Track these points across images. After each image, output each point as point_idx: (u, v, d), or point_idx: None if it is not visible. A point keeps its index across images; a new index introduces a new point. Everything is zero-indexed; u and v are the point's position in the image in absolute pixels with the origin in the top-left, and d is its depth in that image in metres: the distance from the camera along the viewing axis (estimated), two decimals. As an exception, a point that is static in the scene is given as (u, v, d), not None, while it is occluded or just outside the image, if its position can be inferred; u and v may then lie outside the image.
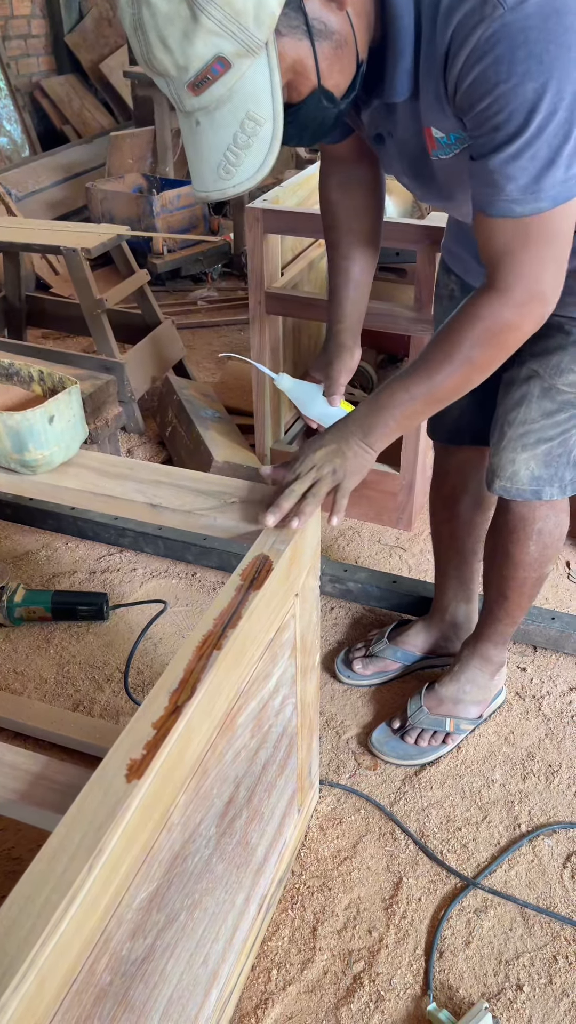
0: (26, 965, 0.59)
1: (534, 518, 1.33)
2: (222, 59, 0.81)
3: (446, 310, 1.40)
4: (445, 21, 0.87)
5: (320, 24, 0.86)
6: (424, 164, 1.07)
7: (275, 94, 0.86)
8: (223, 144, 0.88)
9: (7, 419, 1.06)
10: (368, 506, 2.17)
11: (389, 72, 0.96)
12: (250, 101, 0.85)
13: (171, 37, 0.80)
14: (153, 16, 0.80)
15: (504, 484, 1.30)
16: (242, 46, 0.81)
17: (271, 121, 0.87)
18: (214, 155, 0.89)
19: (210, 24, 0.79)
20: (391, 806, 1.47)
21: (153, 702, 0.79)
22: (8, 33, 4.88)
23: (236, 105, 0.85)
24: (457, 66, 0.88)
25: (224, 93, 0.84)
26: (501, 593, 1.43)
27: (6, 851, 1.39)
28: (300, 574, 1.07)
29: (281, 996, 1.21)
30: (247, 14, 0.79)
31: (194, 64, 0.82)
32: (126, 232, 2.52)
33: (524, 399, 1.25)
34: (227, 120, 0.86)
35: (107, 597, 1.86)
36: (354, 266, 1.30)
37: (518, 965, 1.24)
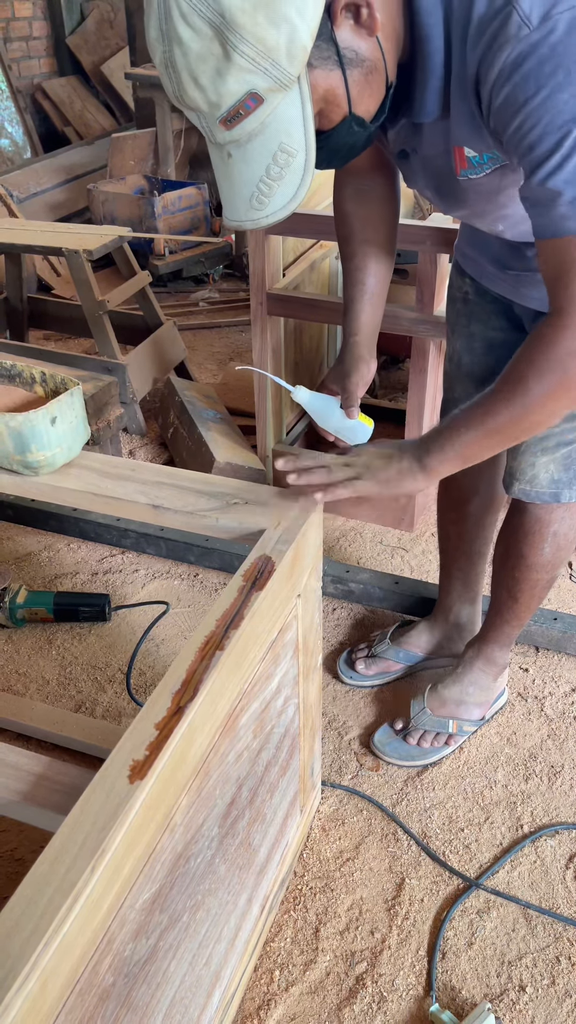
0: (29, 966, 0.59)
1: (550, 520, 1.33)
2: (254, 95, 0.81)
3: (459, 313, 1.40)
4: (475, 42, 0.85)
5: (351, 53, 0.85)
6: (450, 182, 1.05)
7: (307, 126, 0.86)
8: (256, 176, 0.88)
9: (9, 420, 1.07)
10: (370, 507, 2.17)
11: (418, 92, 0.94)
12: (282, 134, 0.85)
13: (203, 75, 0.80)
14: (185, 55, 0.80)
15: (524, 487, 1.30)
16: (275, 81, 0.81)
17: (303, 152, 0.87)
18: (246, 187, 0.89)
19: (243, 62, 0.79)
20: (393, 807, 1.47)
21: (155, 703, 0.79)
22: (9, 35, 4.89)
23: (268, 138, 0.85)
24: (487, 88, 0.86)
25: (256, 127, 0.84)
26: (512, 595, 1.43)
27: (8, 852, 1.39)
28: (302, 575, 1.07)
29: (284, 997, 1.20)
30: (279, 50, 0.79)
31: (226, 101, 0.82)
32: (127, 233, 2.53)
33: None
34: (259, 153, 0.87)
35: (109, 598, 1.86)
36: (369, 277, 1.28)
37: (521, 966, 1.24)
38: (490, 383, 1.40)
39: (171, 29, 0.79)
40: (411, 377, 1.95)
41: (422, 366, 1.92)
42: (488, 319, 1.36)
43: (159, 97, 3.81)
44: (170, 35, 0.79)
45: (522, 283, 1.25)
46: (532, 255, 1.21)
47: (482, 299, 1.35)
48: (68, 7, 5.16)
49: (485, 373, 1.40)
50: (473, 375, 1.42)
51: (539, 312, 1.25)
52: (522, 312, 1.30)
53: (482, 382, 1.42)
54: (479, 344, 1.39)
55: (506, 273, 1.27)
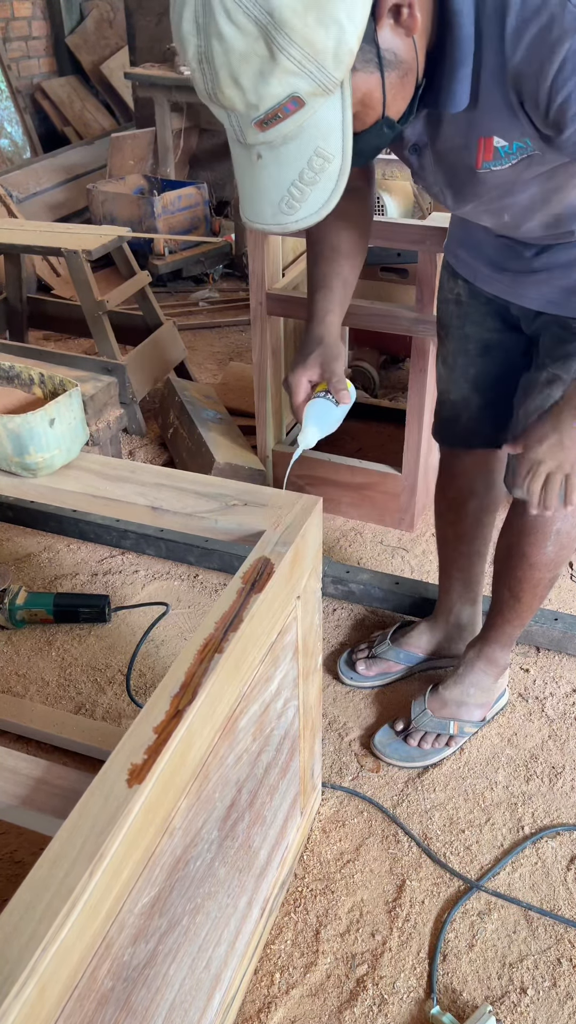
0: (27, 971, 0.59)
1: (553, 519, 1.32)
2: (296, 98, 0.78)
3: (451, 315, 1.39)
4: (517, 33, 0.83)
5: (390, 55, 0.83)
6: (465, 175, 1.03)
7: (346, 131, 0.83)
8: (288, 180, 0.86)
9: (8, 422, 1.06)
10: (370, 507, 2.16)
11: (446, 82, 0.91)
12: (319, 138, 0.83)
13: (245, 75, 0.77)
14: (226, 53, 0.76)
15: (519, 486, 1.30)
16: (319, 85, 0.78)
17: (340, 157, 0.85)
18: (276, 190, 0.87)
19: (289, 64, 0.76)
20: (394, 808, 1.46)
21: (154, 706, 0.78)
22: (9, 35, 4.89)
23: (304, 142, 0.83)
24: (546, 84, 0.84)
25: (293, 130, 0.82)
26: (513, 595, 1.43)
27: (8, 855, 1.39)
28: (302, 576, 1.07)
29: (284, 1000, 1.20)
30: (327, 53, 0.76)
31: (266, 103, 0.79)
32: (127, 233, 2.52)
33: (546, 403, 1.24)
34: (294, 156, 0.84)
35: (109, 599, 1.86)
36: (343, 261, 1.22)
37: (522, 968, 1.24)
38: (486, 384, 1.41)
39: (211, 24, 0.74)
40: (411, 377, 1.94)
41: (422, 366, 1.91)
42: (483, 320, 1.35)
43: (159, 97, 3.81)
44: (209, 30, 0.75)
45: (520, 284, 1.25)
46: (531, 255, 1.20)
47: (475, 300, 1.34)
48: (67, 7, 5.16)
49: (480, 374, 1.40)
50: (468, 376, 1.41)
51: (539, 312, 1.25)
52: (520, 312, 1.29)
53: (478, 384, 1.41)
54: (473, 346, 1.38)
55: (502, 274, 1.27)
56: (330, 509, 2.21)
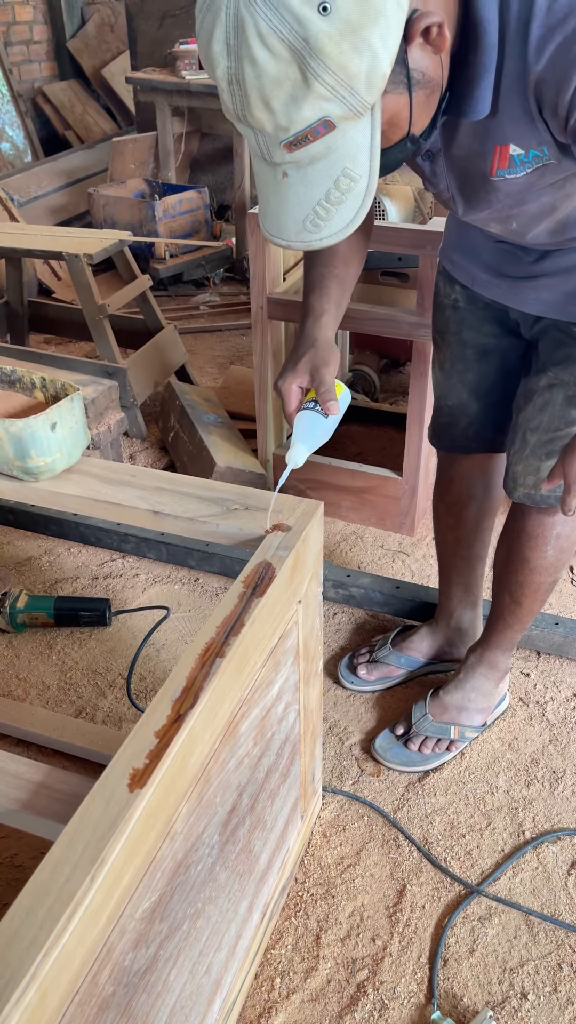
0: (28, 977, 0.59)
1: (552, 523, 1.32)
2: (328, 122, 0.78)
3: (448, 320, 1.39)
4: (542, 41, 0.83)
5: (419, 74, 0.82)
6: (478, 182, 1.03)
7: (374, 152, 0.83)
8: (314, 199, 0.85)
9: (9, 426, 1.06)
10: (371, 511, 2.16)
11: (468, 90, 0.90)
12: (348, 159, 0.82)
13: (276, 99, 0.76)
14: (259, 77, 0.75)
15: (528, 491, 1.30)
16: (350, 109, 0.78)
17: (367, 177, 0.84)
18: (301, 209, 0.86)
19: (322, 90, 0.75)
20: (394, 813, 1.46)
21: (155, 710, 0.78)
22: (10, 39, 4.90)
23: (332, 163, 0.82)
24: (568, 92, 0.84)
25: (321, 151, 0.81)
26: (514, 599, 1.43)
27: (8, 859, 1.38)
28: (303, 581, 1.07)
29: (284, 1005, 1.20)
30: (360, 78, 0.75)
31: (297, 126, 0.78)
32: (128, 237, 2.53)
33: (547, 406, 1.24)
34: (321, 176, 0.83)
35: (109, 603, 1.86)
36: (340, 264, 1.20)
37: (523, 973, 1.23)
38: (484, 389, 1.41)
39: (244, 46, 0.74)
40: (412, 381, 1.94)
41: (423, 370, 1.91)
42: (480, 326, 1.35)
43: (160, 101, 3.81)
44: (241, 52, 0.75)
45: (519, 288, 1.24)
46: (531, 260, 1.20)
47: (473, 306, 1.34)
48: (69, 11, 5.17)
49: (478, 379, 1.40)
50: (466, 382, 1.41)
51: (539, 317, 1.25)
52: (519, 317, 1.29)
53: (476, 389, 1.41)
54: (471, 351, 1.38)
55: (501, 279, 1.26)
56: (331, 513, 2.21)
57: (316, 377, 1.12)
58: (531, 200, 1.05)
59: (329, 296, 1.18)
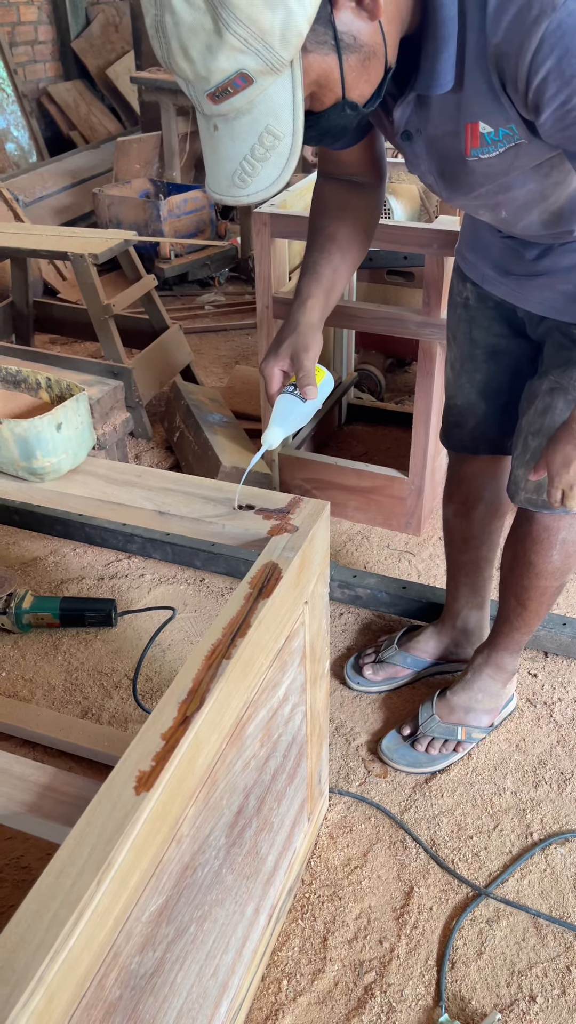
0: (35, 981, 0.59)
1: (558, 527, 1.31)
2: (244, 75, 0.79)
3: (460, 319, 1.38)
4: (498, 13, 0.83)
5: (349, 38, 0.83)
6: (457, 164, 1.02)
7: (296, 111, 0.84)
8: (240, 154, 0.86)
9: (15, 427, 1.06)
10: (377, 511, 2.16)
11: (429, 63, 0.90)
12: (270, 116, 0.83)
13: (193, 48, 0.78)
14: (176, 25, 0.77)
15: (530, 496, 1.29)
16: (266, 64, 0.79)
17: (290, 137, 0.85)
18: (230, 163, 0.88)
19: (234, 41, 0.76)
20: (401, 814, 1.45)
21: (162, 713, 0.78)
22: (15, 39, 4.90)
23: (256, 118, 0.84)
24: (524, 63, 0.83)
25: (244, 105, 0.82)
26: (520, 602, 1.42)
27: (15, 860, 1.38)
28: (309, 581, 1.06)
29: (292, 1007, 1.19)
30: (273, 33, 0.76)
31: (215, 77, 0.80)
32: (133, 237, 2.52)
33: (548, 411, 1.23)
34: (246, 131, 0.85)
35: (115, 603, 1.86)
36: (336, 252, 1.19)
37: (531, 976, 1.23)
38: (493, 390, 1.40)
39: None
40: (418, 380, 1.94)
41: (429, 369, 1.91)
42: (489, 325, 1.34)
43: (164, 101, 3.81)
44: (163, 1, 0.77)
45: (524, 287, 1.24)
46: (532, 258, 1.19)
47: (483, 304, 1.34)
48: (73, 11, 5.17)
49: (487, 380, 1.39)
50: (475, 382, 1.41)
51: (543, 317, 1.24)
52: (525, 317, 1.28)
53: (484, 389, 1.41)
54: (480, 351, 1.37)
55: (507, 277, 1.26)
56: (336, 513, 2.20)
57: (296, 362, 1.12)
58: (516, 186, 1.04)
59: (319, 282, 1.17)
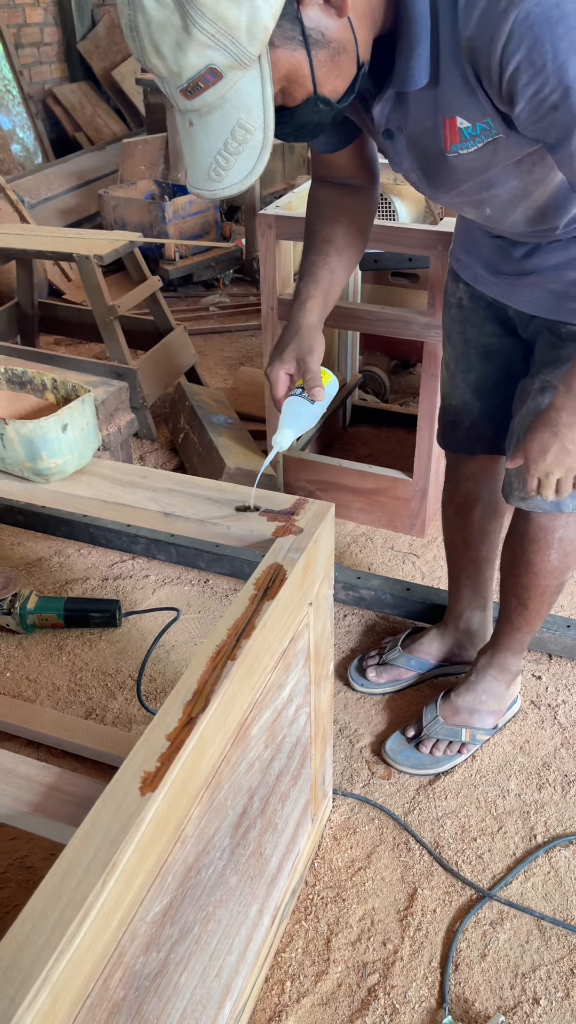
0: (40, 981, 0.59)
1: (554, 527, 1.31)
2: (214, 70, 0.81)
3: (453, 319, 1.39)
4: (469, 6, 0.84)
5: (317, 34, 0.85)
6: (438, 161, 1.03)
7: (267, 105, 0.86)
8: (214, 148, 0.89)
9: (20, 428, 1.06)
10: (381, 512, 2.16)
11: (403, 60, 0.92)
12: (241, 111, 0.85)
13: (164, 44, 0.81)
14: (147, 23, 0.80)
15: (523, 496, 1.29)
16: (234, 59, 0.81)
17: (262, 130, 0.87)
18: (205, 157, 0.90)
19: (202, 37, 0.79)
20: (405, 816, 1.45)
21: (167, 713, 0.78)
22: (21, 41, 4.91)
23: (228, 113, 0.86)
24: (496, 55, 0.84)
25: (216, 100, 0.85)
26: (521, 602, 1.42)
27: (19, 859, 1.38)
28: (314, 583, 1.06)
29: (295, 1008, 1.19)
30: (240, 28, 0.78)
31: (186, 72, 0.82)
32: (138, 239, 2.53)
33: (539, 409, 1.23)
34: (218, 126, 0.87)
35: (119, 604, 1.86)
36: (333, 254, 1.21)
37: (535, 978, 1.23)
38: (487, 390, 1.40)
39: None
40: (422, 381, 1.94)
41: (433, 371, 1.91)
42: (482, 325, 1.35)
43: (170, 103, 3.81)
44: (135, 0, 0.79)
45: (513, 287, 1.24)
46: (519, 257, 1.20)
47: (476, 304, 1.34)
48: (79, 13, 5.18)
49: (481, 379, 1.39)
50: (469, 382, 1.41)
51: (533, 316, 1.24)
52: (516, 316, 1.29)
53: (479, 389, 1.41)
54: (474, 351, 1.38)
55: (498, 277, 1.26)
56: (340, 514, 2.20)
57: (302, 364, 1.14)
58: (498, 183, 1.05)
59: (318, 283, 1.20)
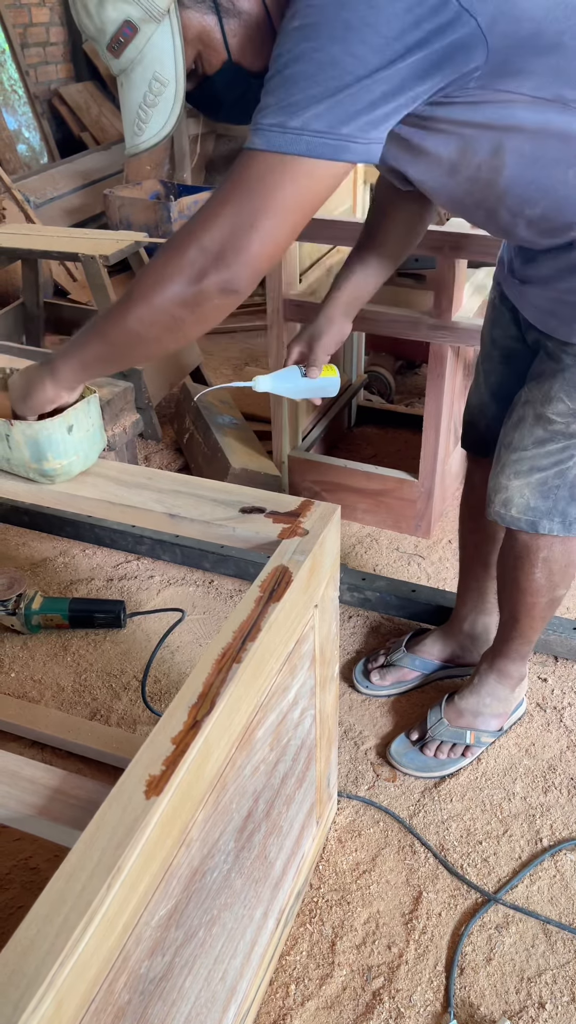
0: (44, 986, 0.59)
1: (538, 547, 1.29)
2: (130, 23, 0.91)
3: (486, 318, 1.40)
4: None
5: (228, 3, 0.92)
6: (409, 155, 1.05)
7: (177, 58, 0.93)
8: (135, 102, 0.96)
9: (26, 428, 1.06)
10: (386, 513, 2.15)
11: None
12: (156, 63, 0.93)
13: (91, 3, 0.91)
14: None
15: (498, 510, 1.28)
16: (146, 12, 0.90)
17: (174, 83, 0.94)
18: (130, 113, 0.97)
19: None
20: (410, 819, 1.45)
21: (172, 716, 0.78)
22: (27, 41, 4.92)
23: (145, 67, 0.93)
24: None
25: (136, 56, 0.93)
26: (512, 616, 1.41)
27: (24, 861, 1.38)
28: (319, 585, 1.06)
29: (299, 1012, 1.19)
30: None
31: (108, 28, 0.92)
32: (144, 239, 2.53)
33: (520, 424, 1.23)
34: (139, 80, 0.95)
35: (124, 605, 1.86)
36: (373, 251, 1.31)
37: (540, 982, 1.22)
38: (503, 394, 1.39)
39: None
40: (428, 383, 1.93)
41: (439, 372, 1.90)
42: (507, 326, 1.34)
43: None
44: None
45: (522, 291, 1.23)
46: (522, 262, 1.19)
47: (503, 305, 1.33)
48: (85, 13, 5.18)
49: (500, 383, 1.38)
50: (489, 383, 1.40)
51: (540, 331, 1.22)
52: (524, 322, 1.27)
53: (496, 392, 1.40)
54: (497, 352, 1.37)
55: (514, 280, 1.25)
56: (346, 515, 2.20)
57: (311, 347, 1.31)
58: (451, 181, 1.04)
59: (348, 278, 1.33)
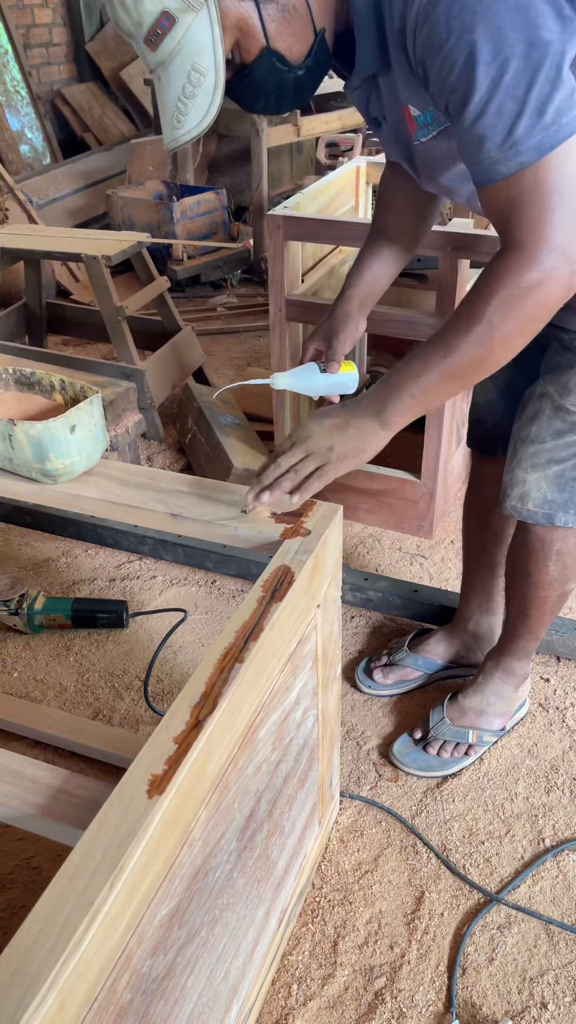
0: (47, 985, 0.59)
1: (552, 539, 1.29)
2: (168, 14, 0.90)
3: None
4: None
5: None
6: (413, 149, 1.08)
7: (216, 47, 0.92)
8: (175, 95, 0.95)
9: (29, 429, 1.06)
10: (388, 513, 2.15)
11: (358, 48, 0.99)
12: (195, 54, 0.92)
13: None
14: None
15: (515, 504, 1.27)
16: (184, 2, 0.89)
17: (213, 72, 0.94)
18: (169, 107, 0.96)
19: None
20: (413, 819, 1.45)
21: (174, 716, 0.78)
22: (29, 42, 4.92)
23: (184, 58, 0.93)
24: (411, 36, 0.90)
25: (174, 47, 0.92)
26: (522, 611, 1.41)
27: (26, 860, 1.38)
28: (322, 585, 1.06)
29: (302, 1012, 1.19)
30: None
31: (146, 20, 0.91)
32: (146, 239, 2.53)
33: (536, 416, 1.23)
34: (177, 73, 0.94)
35: (127, 605, 1.86)
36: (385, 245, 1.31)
37: (543, 983, 1.22)
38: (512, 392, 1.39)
39: None
40: (431, 383, 1.93)
41: (442, 372, 1.90)
42: None
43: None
44: None
45: None
46: None
47: None
48: (88, 13, 5.19)
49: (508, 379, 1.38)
50: (497, 381, 1.40)
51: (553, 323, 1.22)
52: None
53: (505, 390, 1.40)
54: None
55: None
56: (348, 515, 2.20)
57: (328, 343, 1.30)
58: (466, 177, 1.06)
59: (361, 273, 1.32)
